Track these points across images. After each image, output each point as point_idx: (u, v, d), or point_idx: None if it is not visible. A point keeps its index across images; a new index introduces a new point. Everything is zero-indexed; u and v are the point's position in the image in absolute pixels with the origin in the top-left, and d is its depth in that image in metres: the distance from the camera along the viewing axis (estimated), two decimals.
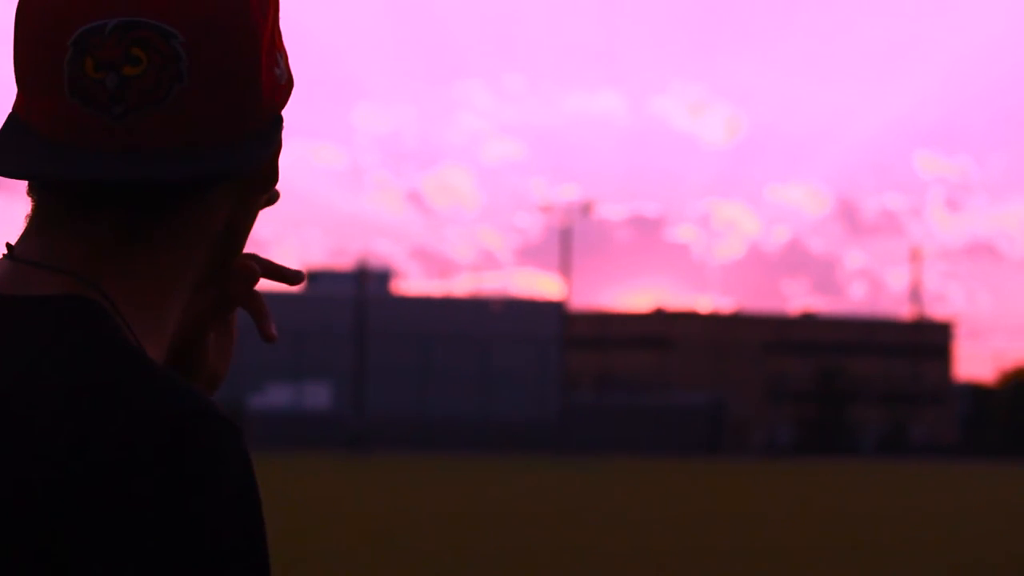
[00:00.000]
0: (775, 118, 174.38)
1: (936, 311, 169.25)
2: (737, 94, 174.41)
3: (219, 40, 1.12)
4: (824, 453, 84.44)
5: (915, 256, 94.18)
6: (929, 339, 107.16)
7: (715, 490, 36.71)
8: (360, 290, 78.97)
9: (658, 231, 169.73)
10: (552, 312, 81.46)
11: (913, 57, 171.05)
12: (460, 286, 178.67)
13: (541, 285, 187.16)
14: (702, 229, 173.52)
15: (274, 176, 1.21)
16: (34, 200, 1.16)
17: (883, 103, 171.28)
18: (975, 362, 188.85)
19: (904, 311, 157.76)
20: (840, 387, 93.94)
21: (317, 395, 78.45)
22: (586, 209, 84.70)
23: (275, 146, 1.17)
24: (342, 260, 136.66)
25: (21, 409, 1.06)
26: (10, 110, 1.17)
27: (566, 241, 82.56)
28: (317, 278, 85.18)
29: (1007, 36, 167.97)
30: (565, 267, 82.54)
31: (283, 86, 1.19)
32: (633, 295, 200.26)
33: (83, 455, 1.03)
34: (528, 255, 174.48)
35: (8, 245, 1.17)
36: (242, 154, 1.13)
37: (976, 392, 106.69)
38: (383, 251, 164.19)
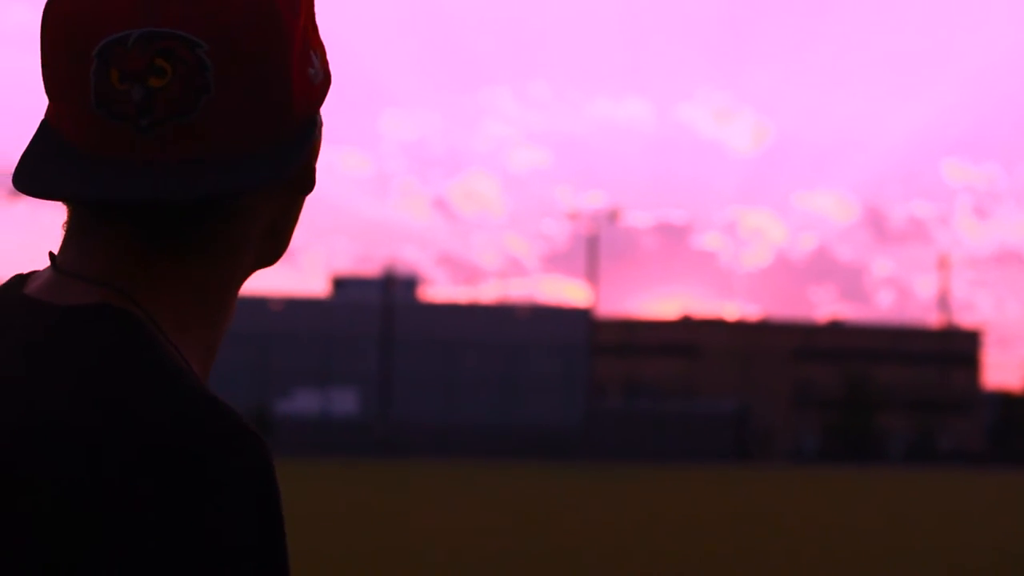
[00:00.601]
0: (801, 126, 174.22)
1: (964, 319, 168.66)
2: (763, 102, 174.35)
3: (246, 47, 1.10)
4: (851, 460, 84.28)
5: (943, 264, 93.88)
6: (957, 347, 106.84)
7: (741, 496, 36.74)
8: (387, 297, 79.14)
9: (685, 238, 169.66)
10: (579, 319, 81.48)
11: (940, 65, 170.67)
12: (487, 293, 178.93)
13: (568, 292, 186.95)
14: (729, 236, 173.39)
15: (311, 177, 1.19)
16: (68, 206, 1.16)
17: (910, 111, 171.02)
18: (1003, 370, 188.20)
19: (932, 319, 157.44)
20: (867, 395, 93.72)
21: (344, 401, 78.66)
22: (613, 216, 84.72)
23: (309, 149, 1.14)
24: (369, 267, 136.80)
25: (47, 417, 1.05)
26: (43, 117, 1.14)
27: (593, 248, 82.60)
28: (344, 285, 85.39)
29: None
30: (592, 274, 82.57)
31: (318, 86, 1.16)
32: (660, 302, 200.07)
33: (103, 465, 1.02)
34: (555, 262, 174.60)
35: (51, 254, 1.16)
36: (275, 162, 1.11)
37: (1004, 400, 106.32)
38: (410, 258, 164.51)
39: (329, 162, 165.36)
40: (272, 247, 1.19)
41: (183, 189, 1.07)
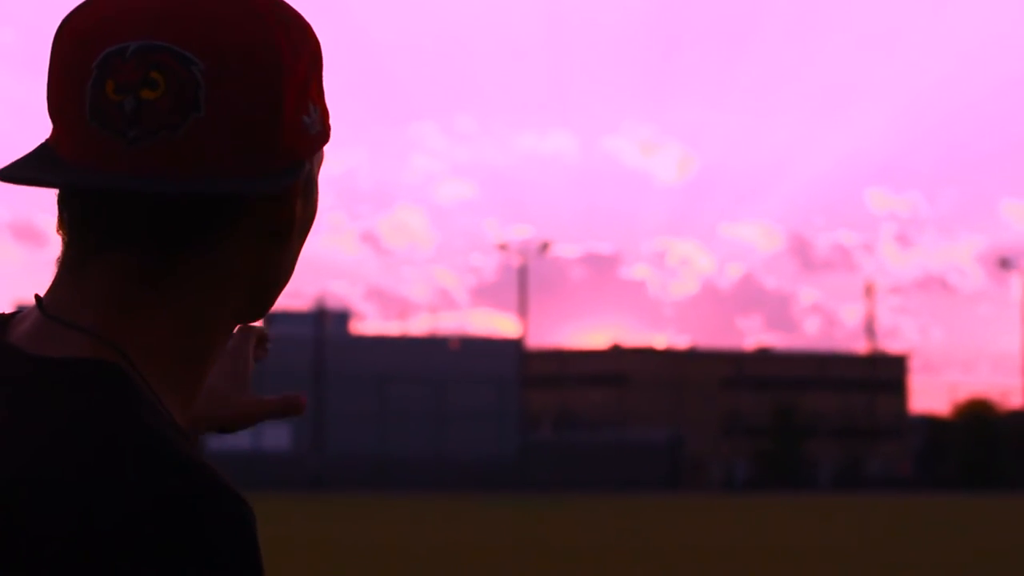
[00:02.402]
0: (726, 157, 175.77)
1: (890, 345, 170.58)
2: (688, 134, 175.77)
3: (241, 73, 1.11)
4: (781, 488, 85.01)
5: (868, 291, 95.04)
6: (883, 373, 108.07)
7: (675, 525, 37.14)
8: (319, 331, 79.18)
9: (613, 269, 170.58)
10: (509, 350, 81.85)
11: (861, 96, 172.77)
12: (417, 326, 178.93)
13: (498, 324, 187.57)
14: (656, 267, 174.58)
15: (298, 225, 1.18)
16: (62, 239, 1.16)
17: (833, 141, 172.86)
18: (929, 395, 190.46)
19: (858, 346, 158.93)
20: (796, 422, 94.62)
21: (277, 436, 78.52)
22: (541, 248, 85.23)
23: (290, 186, 1.15)
24: (299, 302, 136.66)
25: (25, 479, 1.04)
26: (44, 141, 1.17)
27: (522, 280, 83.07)
28: (275, 319, 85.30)
29: (954, 74, 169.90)
30: (522, 306, 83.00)
31: (312, 136, 1.16)
32: (590, 333, 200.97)
33: (79, 528, 1.01)
34: (484, 294, 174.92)
35: (37, 297, 1.16)
36: (248, 187, 1.11)
37: (931, 425, 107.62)
38: (340, 292, 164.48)
39: None
40: (256, 298, 1.18)
41: (158, 186, 1.08)
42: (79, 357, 1.10)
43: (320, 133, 1.18)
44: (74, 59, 1.12)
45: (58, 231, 1.16)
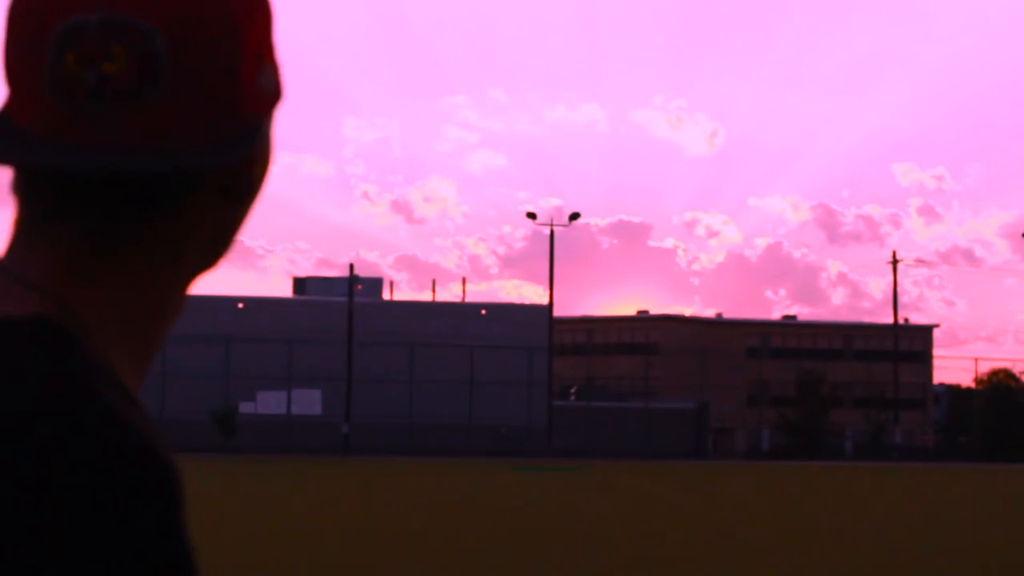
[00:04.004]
0: (754, 130, 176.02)
1: (915, 317, 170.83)
2: (717, 107, 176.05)
3: (200, 41, 1.12)
4: (805, 457, 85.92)
5: (894, 263, 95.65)
6: (909, 344, 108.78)
7: (700, 492, 38.08)
8: (350, 297, 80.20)
9: (642, 240, 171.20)
10: (539, 317, 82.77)
11: (890, 70, 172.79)
12: (447, 295, 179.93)
13: (527, 294, 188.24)
14: (685, 238, 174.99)
15: (250, 186, 1.20)
16: (16, 201, 1.16)
17: (860, 115, 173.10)
18: (954, 367, 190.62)
19: (884, 317, 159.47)
20: (821, 392, 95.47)
21: (309, 402, 79.63)
22: (571, 218, 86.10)
23: (250, 152, 1.17)
24: (331, 271, 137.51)
25: None
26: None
27: (551, 250, 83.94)
28: (308, 285, 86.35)
29: (981, 49, 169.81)
30: (550, 275, 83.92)
31: (268, 96, 1.19)
32: (618, 303, 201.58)
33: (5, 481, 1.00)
34: (514, 264, 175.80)
35: None
36: (213, 156, 1.12)
37: (955, 396, 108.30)
38: (371, 260, 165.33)
39: (290, 166, 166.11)
40: (212, 254, 1.21)
41: (120, 164, 1.08)
42: (21, 315, 1.09)
43: (275, 93, 1.20)
44: (31, 28, 1.11)
45: (12, 193, 1.16)
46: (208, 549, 17.58)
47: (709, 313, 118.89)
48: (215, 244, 1.20)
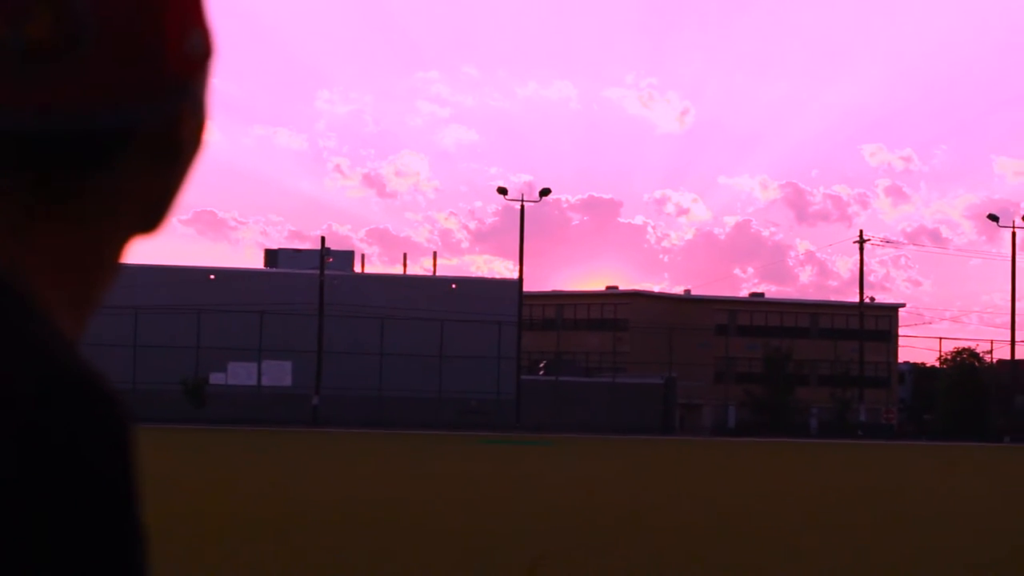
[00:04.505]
0: (725, 109, 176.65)
1: (881, 296, 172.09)
2: (688, 86, 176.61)
3: (122, 1, 1.12)
4: (770, 434, 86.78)
5: (861, 243, 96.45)
6: (874, 323, 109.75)
7: (667, 466, 38.72)
8: (322, 269, 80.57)
9: (612, 216, 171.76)
10: (509, 292, 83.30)
11: (859, 52, 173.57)
12: (418, 269, 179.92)
13: (498, 269, 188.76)
14: (654, 215, 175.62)
15: (185, 146, 1.20)
16: None
17: (830, 96, 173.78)
18: (919, 346, 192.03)
19: (850, 296, 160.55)
20: (788, 369, 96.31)
21: (279, 373, 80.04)
22: (542, 194, 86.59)
23: (176, 110, 1.18)
24: (302, 244, 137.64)
25: None
26: None
27: (521, 225, 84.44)
28: (280, 257, 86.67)
29: (950, 32, 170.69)
30: (520, 250, 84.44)
31: (197, 58, 1.19)
32: (587, 279, 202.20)
33: None
34: (484, 239, 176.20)
35: None
36: (136, 113, 1.13)
37: (920, 375, 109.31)
38: (343, 233, 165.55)
39: (263, 139, 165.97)
40: (147, 217, 1.21)
41: (42, 122, 1.10)
42: None
43: (204, 53, 1.20)
44: None
45: None
46: (176, 521, 18.00)
47: (678, 290, 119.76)
48: (149, 208, 1.21)
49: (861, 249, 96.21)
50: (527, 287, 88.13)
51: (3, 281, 1.10)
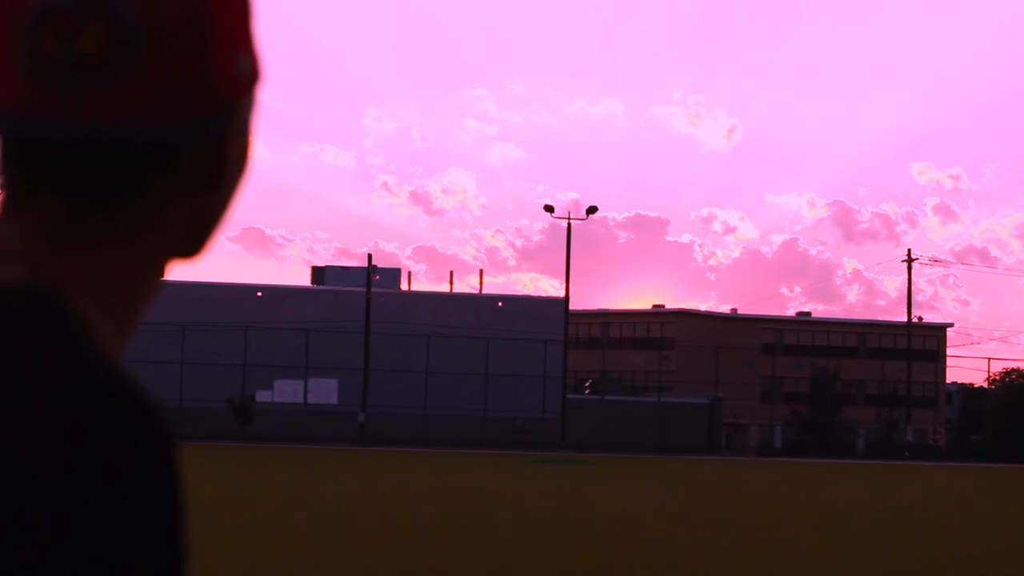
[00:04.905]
0: (772, 128, 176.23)
1: (929, 316, 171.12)
2: (735, 105, 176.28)
3: (174, 16, 1.13)
4: (817, 454, 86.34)
5: (909, 262, 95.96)
6: (922, 343, 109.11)
7: (712, 488, 38.57)
8: (368, 286, 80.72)
9: (658, 234, 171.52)
10: (555, 310, 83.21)
11: (907, 70, 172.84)
12: (465, 286, 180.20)
13: (544, 286, 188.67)
14: (701, 233, 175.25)
15: (229, 169, 1.21)
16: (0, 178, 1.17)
17: (878, 114, 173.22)
18: (967, 366, 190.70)
19: (898, 316, 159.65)
20: (835, 389, 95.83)
21: (325, 391, 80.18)
22: (588, 212, 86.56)
23: (222, 131, 1.18)
24: (349, 261, 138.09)
25: None
26: None
27: (568, 243, 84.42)
28: (326, 274, 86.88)
29: (999, 49, 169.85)
30: (567, 268, 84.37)
31: (244, 80, 1.19)
32: (633, 297, 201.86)
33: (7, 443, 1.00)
34: (531, 257, 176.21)
35: None
36: (182, 131, 1.14)
37: (967, 395, 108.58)
38: (390, 250, 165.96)
39: (311, 156, 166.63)
40: (189, 240, 1.21)
41: (89, 133, 1.11)
42: (15, 283, 1.11)
43: (252, 76, 1.21)
44: (5, 11, 1.12)
45: None
46: (217, 536, 18.07)
47: (724, 309, 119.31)
48: (192, 230, 1.21)
49: (909, 268, 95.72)
50: (573, 305, 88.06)
51: (45, 295, 1.11)
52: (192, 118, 1.15)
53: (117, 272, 1.16)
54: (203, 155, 1.19)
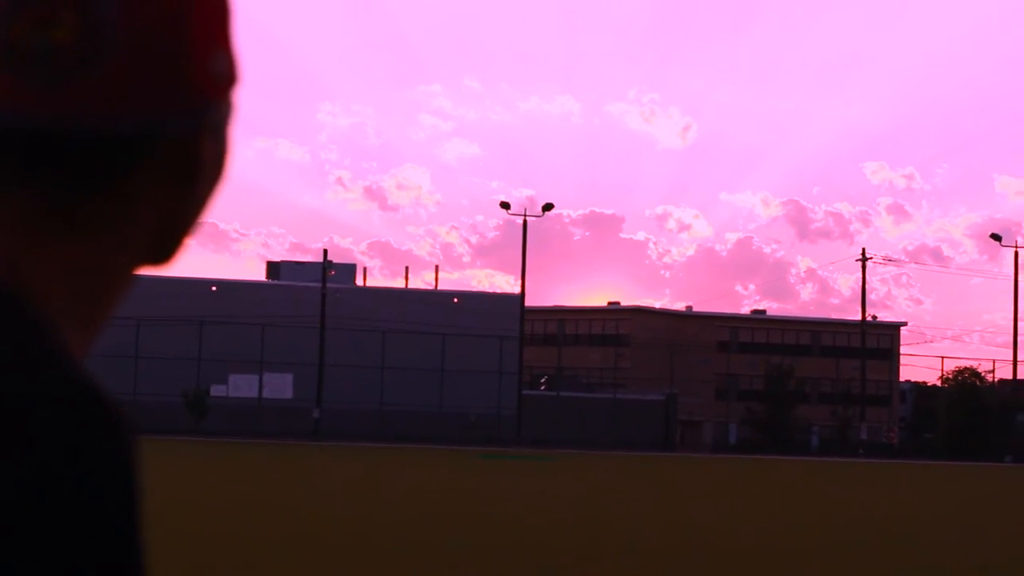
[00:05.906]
0: (727, 126, 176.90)
1: (883, 315, 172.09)
2: (690, 103, 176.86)
3: (150, 12, 1.13)
4: (771, 451, 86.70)
5: (863, 261, 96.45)
6: (876, 342, 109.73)
7: (665, 484, 38.66)
8: (324, 282, 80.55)
9: (614, 232, 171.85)
10: (510, 307, 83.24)
11: (862, 69, 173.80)
12: (419, 282, 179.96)
13: (499, 283, 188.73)
14: (656, 231, 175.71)
15: (204, 166, 1.20)
16: None
17: (832, 113, 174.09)
18: (920, 365, 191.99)
19: (851, 314, 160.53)
20: (789, 387, 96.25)
21: (281, 385, 79.99)
22: (544, 209, 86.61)
23: (196, 128, 1.18)
24: (304, 256, 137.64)
25: None
26: None
27: (524, 240, 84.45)
28: (282, 269, 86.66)
29: (953, 50, 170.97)
30: (523, 265, 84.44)
31: (221, 82, 1.19)
32: (589, 294, 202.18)
33: None
34: (486, 253, 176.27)
35: None
36: (156, 125, 1.14)
37: (921, 394, 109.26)
38: (344, 246, 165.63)
39: (265, 151, 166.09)
40: (163, 240, 1.21)
41: (61, 124, 1.10)
42: None
43: (229, 77, 1.20)
44: None
45: None
46: (175, 538, 17.98)
47: (679, 306, 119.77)
48: (164, 232, 1.20)
49: (863, 267, 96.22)
50: (529, 302, 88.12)
51: (9, 292, 1.10)
52: (166, 114, 1.14)
53: (86, 271, 1.15)
54: (178, 153, 1.18)
